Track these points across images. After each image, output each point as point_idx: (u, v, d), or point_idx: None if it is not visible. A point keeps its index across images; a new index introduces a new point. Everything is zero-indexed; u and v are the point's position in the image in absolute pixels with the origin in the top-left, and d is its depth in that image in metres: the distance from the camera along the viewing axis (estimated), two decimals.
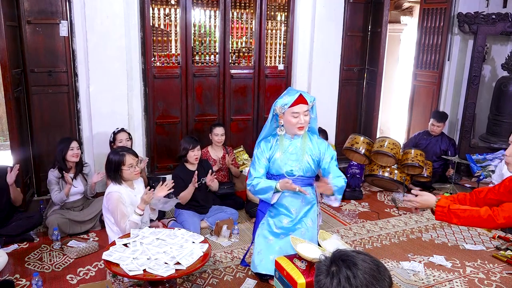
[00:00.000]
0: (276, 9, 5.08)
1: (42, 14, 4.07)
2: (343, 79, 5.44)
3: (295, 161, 2.90)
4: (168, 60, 4.71)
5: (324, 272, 1.33)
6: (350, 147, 4.90)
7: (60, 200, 3.70)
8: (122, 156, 3.01)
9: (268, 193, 2.85)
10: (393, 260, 3.39)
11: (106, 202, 3.01)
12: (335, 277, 1.29)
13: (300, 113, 2.79)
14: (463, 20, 5.49)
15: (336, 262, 1.32)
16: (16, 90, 3.87)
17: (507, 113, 5.41)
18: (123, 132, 4.02)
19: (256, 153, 2.98)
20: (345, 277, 1.27)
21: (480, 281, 3.11)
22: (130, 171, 3.03)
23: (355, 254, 1.33)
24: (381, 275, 1.30)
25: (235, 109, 5.11)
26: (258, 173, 2.92)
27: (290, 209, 2.96)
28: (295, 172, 2.91)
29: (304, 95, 2.81)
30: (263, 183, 2.87)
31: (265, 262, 2.90)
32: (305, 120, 2.82)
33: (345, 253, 1.34)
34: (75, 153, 3.72)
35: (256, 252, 2.98)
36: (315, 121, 2.99)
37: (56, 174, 3.71)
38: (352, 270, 1.28)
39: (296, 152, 2.91)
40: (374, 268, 1.30)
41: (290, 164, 2.91)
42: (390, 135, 6.86)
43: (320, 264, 1.36)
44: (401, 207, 4.59)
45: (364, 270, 1.28)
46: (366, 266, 1.29)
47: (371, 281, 1.27)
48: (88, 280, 3.04)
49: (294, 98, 2.78)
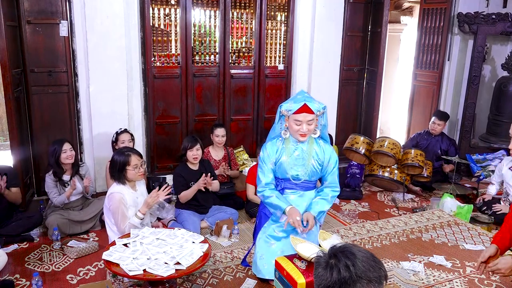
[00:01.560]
0: (276, 9, 5.08)
1: (42, 14, 4.07)
2: (343, 79, 5.44)
3: (301, 166, 2.85)
4: (168, 60, 4.71)
5: (323, 264, 1.38)
6: (350, 147, 4.90)
7: (61, 203, 3.70)
8: (128, 156, 3.02)
9: (276, 211, 2.87)
10: (393, 260, 3.39)
11: (108, 202, 3.01)
12: (334, 268, 1.35)
13: (303, 122, 2.71)
14: (463, 20, 5.49)
15: (335, 254, 1.38)
16: (16, 90, 3.87)
17: (507, 113, 5.41)
18: (126, 133, 4.01)
19: (262, 156, 2.91)
20: (345, 265, 1.33)
21: (480, 281, 3.10)
22: (135, 172, 3.04)
23: (351, 245, 1.41)
24: (377, 264, 1.37)
25: (235, 109, 5.11)
26: (268, 179, 2.88)
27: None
28: (301, 177, 2.88)
29: (310, 105, 2.69)
30: (275, 199, 2.84)
31: (268, 267, 2.89)
32: (308, 129, 2.73)
33: (342, 246, 1.42)
34: (68, 155, 3.68)
35: (258, 256, 2.97)
36: (325, 128, 2.91)
37: (53, 177, 3.70)
38: (351, 259, 1.34)
39: (302, 156, 2.85)
40: (370, 257, 1.37)
41: (296, 168, 2.86)
42: (390, 135, 6.86)
43: (319, 259, 1.42)
44: (401, 207, 4.59)
45: (362, 259, 1.35)
46: (362, 255, 1.36)
47: (368, 269, 1.34)
48: (88, 280, 3.04)
49: (299, 106, 2.70)
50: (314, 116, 2.73)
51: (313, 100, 2.76)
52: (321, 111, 2.77)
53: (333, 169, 2.91)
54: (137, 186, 3.17)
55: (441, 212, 4.35)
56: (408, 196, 4.86)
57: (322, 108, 2.78)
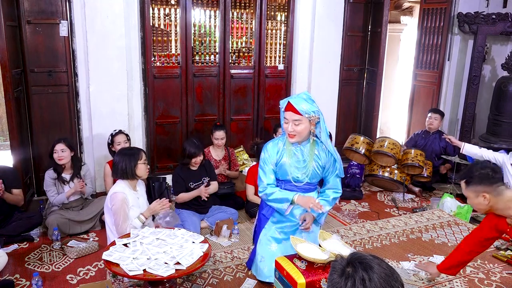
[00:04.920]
0: (276, 9, 5.08)
1: (42, 14, 4.07)
2: (343, 79, 5.44)
3: (302, 168, 2.82)
4: (168, 60, 4.71)
5: (339, 271, 1.32)
6: (350, 147, 4.90)
7: (59, 203, 3.70)
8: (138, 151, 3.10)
9: (283, 204, 2.81)
10: (393, 260, 3.39)
11: (110, 202, 2.99)
12: (350, 278, 1.28)
13: (290, 121, 2.68)
14: (463, 20, 5.50)
15: (353, 263, 1.31)
16: (16, 90, 3.87)
17: (507, 113, 5.41)
18: (121, 134, 3.98)
19: (263, 157, 2.89)
20: (361, 279, 1.27)
21: (480, 281, 3.11)
22: (145, 166, 3.10)
23: (372, 257, 1.32)
24: (395, 281, 1.29)
25: (235, 109, 5.11)
26: (270, 180, 2.86)
27: (294, 215, 2.93)
28: (302, 179, 2.85)
29: (294, 104, 2.63)
30: (278, 194, 2.82)
31: (269, 269, 2.88)
32: (294, 129, 2.67)
33: (362, 256, 1.33)
34: (59, 155, 3.63)
35: (258, 259, 2.96)
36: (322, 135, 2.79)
37: (52, 175, 3.69)
38: (368, 272, 1.27)
39: (303, 159, 2.82)
40: (389, 274, 1.29)
41: (296, 170, 2.83)
42: (390, 135, 6.86)
43: (335, 264, 1.36)
44: (401, 207, 4.59)
45: (380, 275, 1.27)
46: (381, 270, 1.28)
47: (385, 286, 1.26)
48: (88, 280, 3.04)
49: (285, 104, 2.70)
50: (300, 117, 2.64)
51: (304, 101, 2.66)
52: (312, 115, 2.66)
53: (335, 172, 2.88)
54: (137, 187, 3.17)
55: (441, 212, 4.35)
56: (408, 196, 4.86)
57: (313, 112, 2.66)
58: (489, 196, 2.37)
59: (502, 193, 2.37)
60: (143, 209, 3.12)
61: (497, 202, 2.38)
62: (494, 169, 2.39)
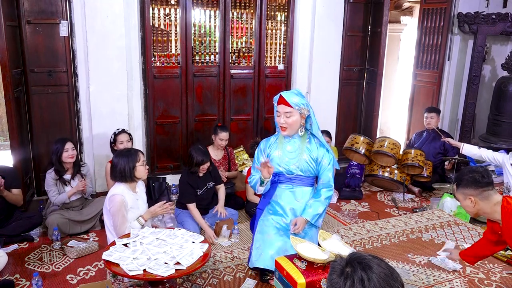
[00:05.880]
0: (276, 9, 5.07)
1: (42, 14, 4.07)
2: (343, 79, 5.44)
3: (293, 160, 2.95)
4: (168, 60, 4.71)
5: (338, 271, 1.32)
6: (350, 147, 4.90)
7: (61, 203, 3.70)
8: (136, 153, 3.07)
9: (258, 186, 2.99)
10: (393, 260, 3.39)
11: (109, 204, 2.98)
12: (349, 278, 1.28)
13: (281, 113, 2.84)
14: (463, 20, 5.50)
15: (352, 263, 1.31)
16: (16, 90, 3.87)
17: (507, 113, 5.41)
18: (124, 133, 3.99)
19: (256, 152, 3.09)
20: (359, 279, 1.26)
21: (480, 281, 3.11)
22: (144, 168, 3.08)
23: (371, 257, 1.32)
24: (395, 281, 1.29)
25: (235, 109, 5.11)
26: (258, 172, 2.98)
27: (285, 209, 2.99)
28: (294, 171, 2.97)
29: (285, 97, 2.81)
30: (256, 176, 3.00)
31: (264, 256, 2.85)
32: (286, 121, 2.83)
33: (361, 256, 1.33)
34: (70, 154, 3.68)
35: (254, 248, 2.98)
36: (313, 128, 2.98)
37: (53, 175, 3.70)
38: (367, 272, 1.27)
39: (294, 150, 2.95)
40: (388, 274, 1.29)
41: (287, 162, 2.96)
42: (390, 135, 6.86)
43: (335, 264, 1.35)
44: (401, 207, 4.59)
45: (379, 275, 1.27)
46: (381, 270, 1.28)
47: (384, 286, 1.26)
48: (88, 280, 3.04)
49: (277, 97, 2.87)
50: (292, 110, 2.80)
51: (294, 95, 2.85)
52: (302, 107, 2.82)
53: (327, 166, 2.97)
54: (137, 188, 3.16)
55: (441, 212, 4.35)
56: (408, 196, 4.86)
57: (303, 104, 2.82)
58: (475, 200, 2.39)
59: (488, 198, 2.38)
60: (142, 210, 3.11)
61: (484, 206, 2.40)
62: (483, 174, 2.40)
